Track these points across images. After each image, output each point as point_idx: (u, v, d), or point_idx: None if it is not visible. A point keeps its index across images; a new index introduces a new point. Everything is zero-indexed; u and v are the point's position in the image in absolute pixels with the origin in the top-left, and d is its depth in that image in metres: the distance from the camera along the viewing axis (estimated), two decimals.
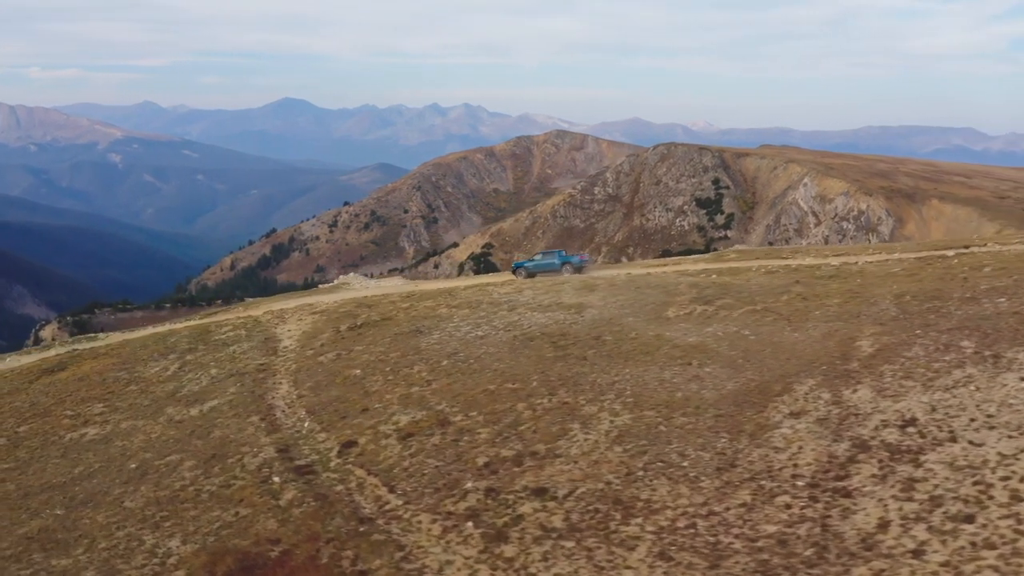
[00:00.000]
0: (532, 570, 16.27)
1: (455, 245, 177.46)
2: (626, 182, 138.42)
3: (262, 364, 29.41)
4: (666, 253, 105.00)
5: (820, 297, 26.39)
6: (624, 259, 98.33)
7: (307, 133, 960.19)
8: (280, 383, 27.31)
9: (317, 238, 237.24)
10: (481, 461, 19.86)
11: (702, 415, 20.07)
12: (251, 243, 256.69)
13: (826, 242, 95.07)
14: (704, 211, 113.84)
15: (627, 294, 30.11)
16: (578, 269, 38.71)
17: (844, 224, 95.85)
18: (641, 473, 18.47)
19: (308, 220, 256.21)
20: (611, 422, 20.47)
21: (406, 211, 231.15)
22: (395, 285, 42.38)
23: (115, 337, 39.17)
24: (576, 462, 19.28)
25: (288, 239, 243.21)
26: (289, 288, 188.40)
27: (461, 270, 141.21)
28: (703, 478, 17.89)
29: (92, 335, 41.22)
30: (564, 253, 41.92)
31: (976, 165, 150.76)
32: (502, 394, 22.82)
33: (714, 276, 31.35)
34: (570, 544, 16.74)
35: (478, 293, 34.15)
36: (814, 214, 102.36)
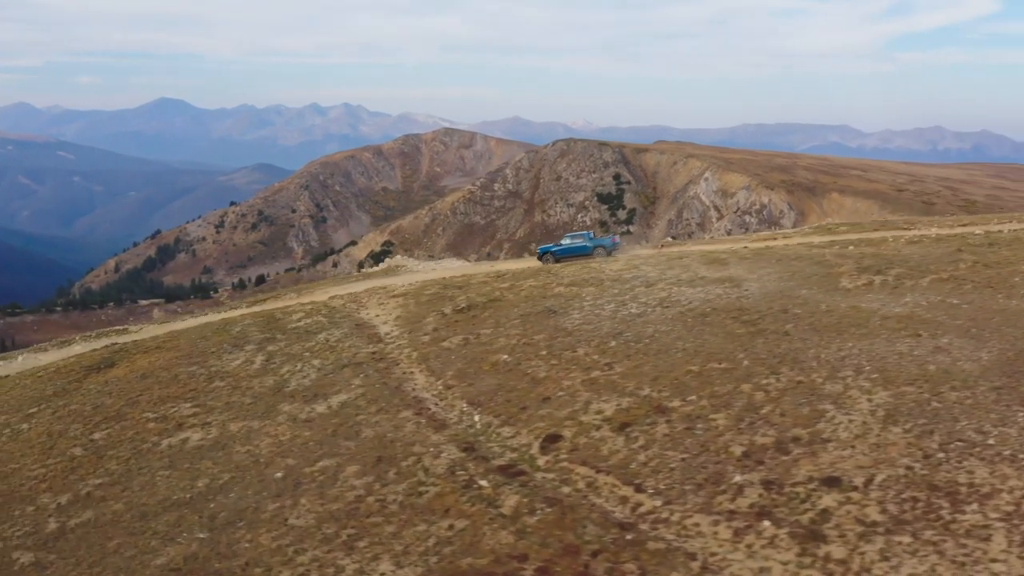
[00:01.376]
0: (876, 572, 13.70)
1: (353, 243, 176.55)
2: (526, 178, 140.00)
3: (373, 352, 25.77)
4: None
5: (1003, 264, 24.75)
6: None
7: (185, 133, 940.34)
8: (412, 373, 23.81)
9: (203, 239, 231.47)
10: (738, 451, 17.11)
11: (975, 388, 17.90)
12: (136, 245, 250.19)
13: (729, 236, 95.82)
14: (606, 206, 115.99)
15: (773, 267, 27.85)
16: (610, 252, 36.27)
17: (746, 218, 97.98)
18: (942, 455, 16.10)
19: (194, 221, 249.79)
20: (869, 400, 18.05)
21: (294, 210, 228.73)
22: (460, 266, 39.01)
23: (152, 330, 34.43)
24: (853, 446, 16.77)
25: (174, 240, 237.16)
26: (177, 291, 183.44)
27: (360, 268, 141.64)
28: (1022, 455, 15.71)
29: (122, 328, 36.21)
30: (593, 235, 39.13)
31: (870, 160, 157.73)
32: (712, 375, 20.11)
33: (851, 247, 29.44)
34: (906, 539, 14.22)
35: (583, 271, 31.24)
36: (716, 208, 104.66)
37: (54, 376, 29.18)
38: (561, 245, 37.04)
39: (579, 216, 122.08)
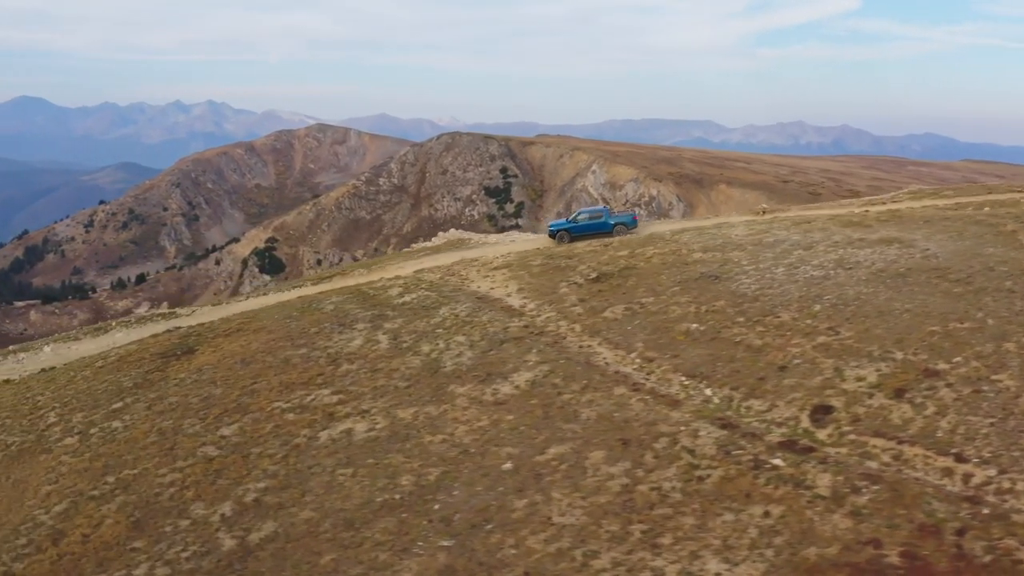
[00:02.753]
0: None
1: (236, 240, 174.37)
2: (411, 172, 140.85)
3: (525, 326, 23.04)
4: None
5: None
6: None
7: (46, 132, 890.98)
8: (591, 346, 21.25)
9: (73, 239, 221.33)
10: None
11: None
12: (1, 246, 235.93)
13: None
14: (493, 200, 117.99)
15: (929, 229, 26.62)
16: (631, 229, 33.77)
17: (636, 210, 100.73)
18: None
19: (62, 221, 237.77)
20: None
21: (166, 209, 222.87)
22: (535, 239, 36.38)
23: (211, 312, 30.30)
24: None
25: (42, 240, 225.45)
26: (51, 292, 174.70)
27: (245, 266, 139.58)
28: None
29: (170, 311, 31.78)
30: (611, 211, 36.00)
31: (752, 153, 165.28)
32: (962, 335, 18.51)
33: (986, 208, 28.64)
34: None
35: (704, 238, 29.26)
36: (605, 200, 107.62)
37: (121, 366, 25.02)
38: (578, 222, 33.93)
39: (467, 210, 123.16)
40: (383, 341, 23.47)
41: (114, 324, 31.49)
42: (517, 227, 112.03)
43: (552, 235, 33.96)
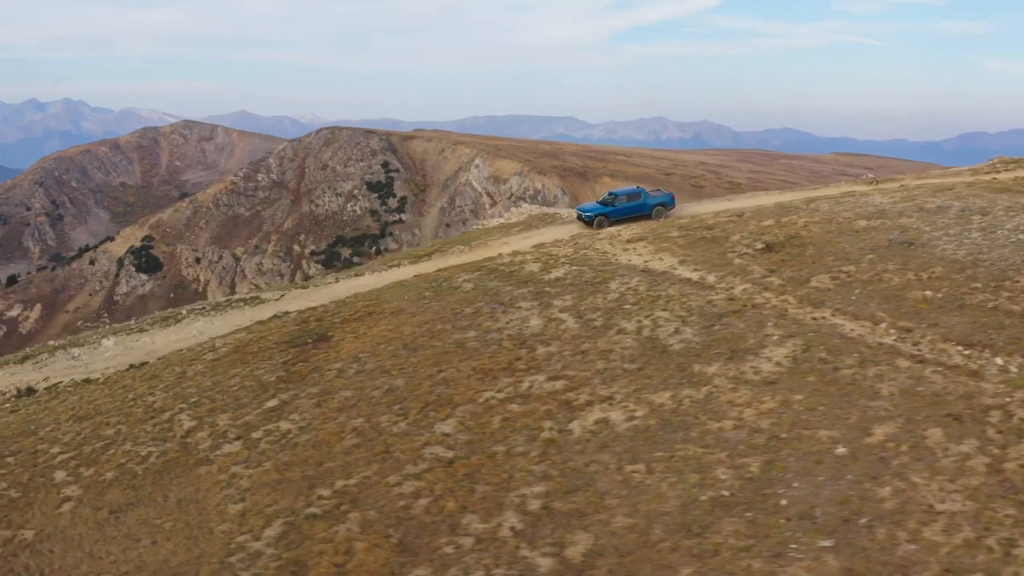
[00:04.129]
0: None
1: (111, 239, 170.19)
2: (290, 168, 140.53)
3: (729, 299, 20.95)
4: (340, 240, 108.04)
5: None
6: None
7: None
8: (824, 318, 19.36)
9: None
10: None
11: None
12: None
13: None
14: (376, 195, 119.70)
15: None
16: (670, 210, 32.44)
17: (521, 203, 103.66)
18: None
19: None
20: None
21: (29, 208, 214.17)
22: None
23: (307, 296, 26.65)
24: None
25: None
26: None
27: (120, 265, 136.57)
28: None
29: (252, 296, 27.67)
30: (647, 191, 33.70)
31: (630, 148, 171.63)
32: None
33: None
34: None
35: (847, 207, 27.95)
36: (489, 195, 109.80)
37: (244, 358, 21.34)
38: (617, 205, 31.82)
39: (348, 205, 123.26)
40: (568, 320, 20.87)
41: (184, 313, 27.25)
42: (401, 222, 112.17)
43: (588, 220, 31.29)
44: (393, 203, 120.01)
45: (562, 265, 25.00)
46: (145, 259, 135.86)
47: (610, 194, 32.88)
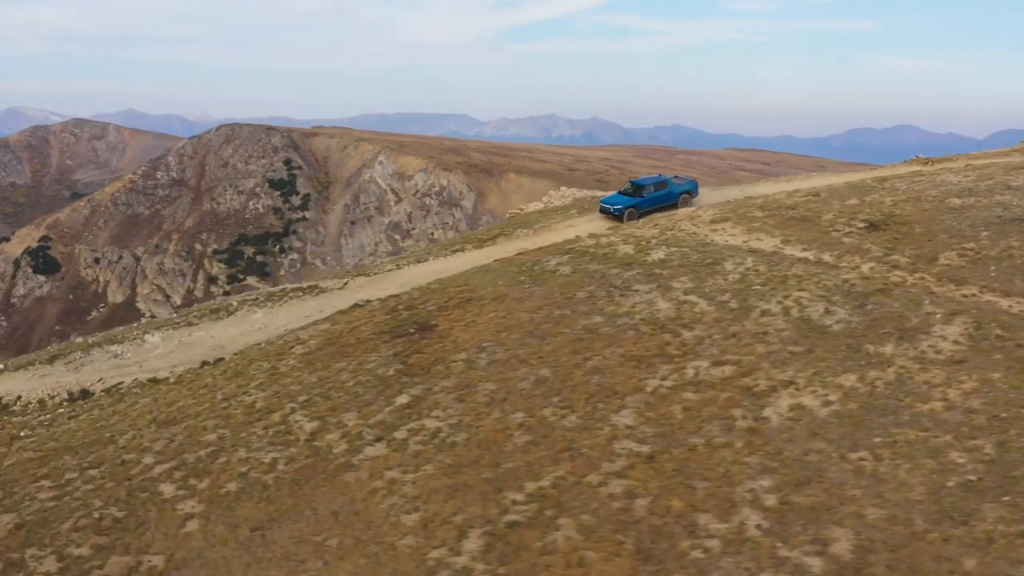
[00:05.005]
0: None
1: (6, 239, 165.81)
2: (190, 165, 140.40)
3: (865, 278, 20.21)
4: (243, 238, 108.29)
5: None
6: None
7: None
8: (974, 295, 18.81)
9: None
10: None
11: None
12: None
13: (410, 219, 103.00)
14: (278, 192, 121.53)
15: None
16: (694, 196, 31.64)
17: (427, 200, 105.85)
18: None
19: None
20: None
21: None
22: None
23: (377, 284, 24.55)
24: None
25: None
26: None
27: (17, 267, 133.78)
28: None
29: (311, 285, 25.21)
30: (673, 179, 32.31)
31: (533, 144, 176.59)
32: None
33: None
34: None
35: (925, 185, 27.82)
36: (393, 191, 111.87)
37: (344, 351, 19.27)
38: (644, 196, 29.95)
39: (251, 203, 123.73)
40: (700, 303, 19.71)
41: (235, 304, 24.69)
42: (304, 219, 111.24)
43: (618, 214, 29.34)
44: (296, 201, 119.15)
45: (658, 247, 23.84)
46: (43, 260, 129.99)
47: (633, 184, 31.22)
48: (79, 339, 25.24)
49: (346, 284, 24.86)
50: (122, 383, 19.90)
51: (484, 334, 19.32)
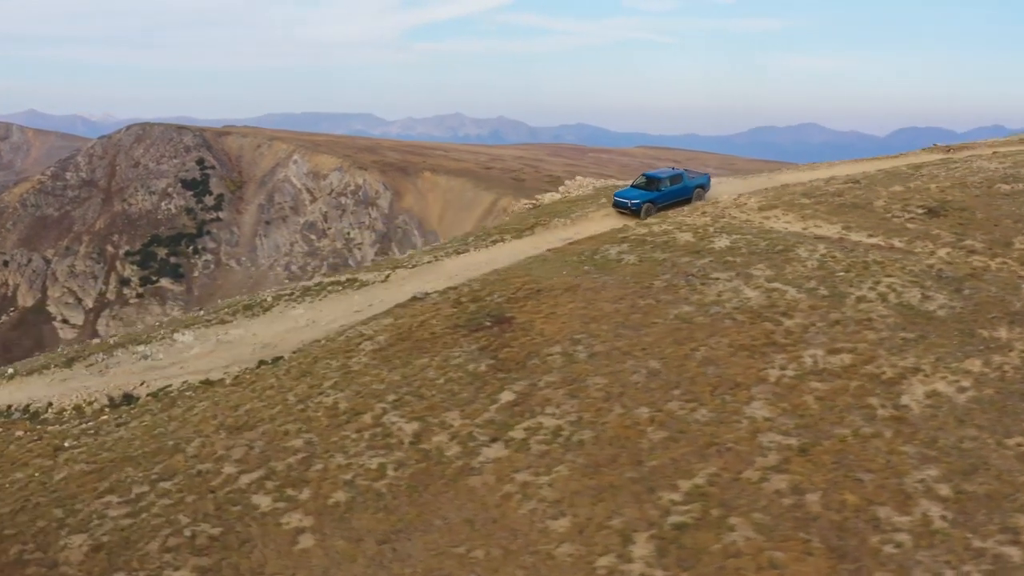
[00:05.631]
0: None
1: None
2: (100, 166, 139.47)
3: (949, 263, 20.18)
4: (155, 239, 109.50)
5: None
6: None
7: None
8: None
9: None
10: None
11: None
12: None
13: (326, 219, 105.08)
14: (191, 192, 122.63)
15: None
16: (707, 190, 30.61)
17: (342, 199, 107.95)
18: None
19: None
20: None
21: None
22: (763, 181, 32.50)
23: (422, 276, 23.25)
24: None
25: None
26: None
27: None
28: None
29: (350, 278, 23.59)
30: (687, 173, 31.03)
31: (447, 143, 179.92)
32: None
33: None
34: None
35: (964, 172, 28.22)
36: (308, 191, 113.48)
37: (421, 346, 18.02)
38: (661, 190, 28.64)
39: (163, 204, 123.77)
40: (788, 291, 19.27)
41: (270, 300, 22.97)
42: (219, 220, 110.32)
43: (635, 209, 27.94)
44: (210, 201, 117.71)
45: (718, 234, 23.37)
46: None
47: (647, 177, 30.24)
48: (95, 341, 23.14)
49: (388, 277, 23.52)
50: (169, 386, 18.17)
51: (571, 326, 18.43)
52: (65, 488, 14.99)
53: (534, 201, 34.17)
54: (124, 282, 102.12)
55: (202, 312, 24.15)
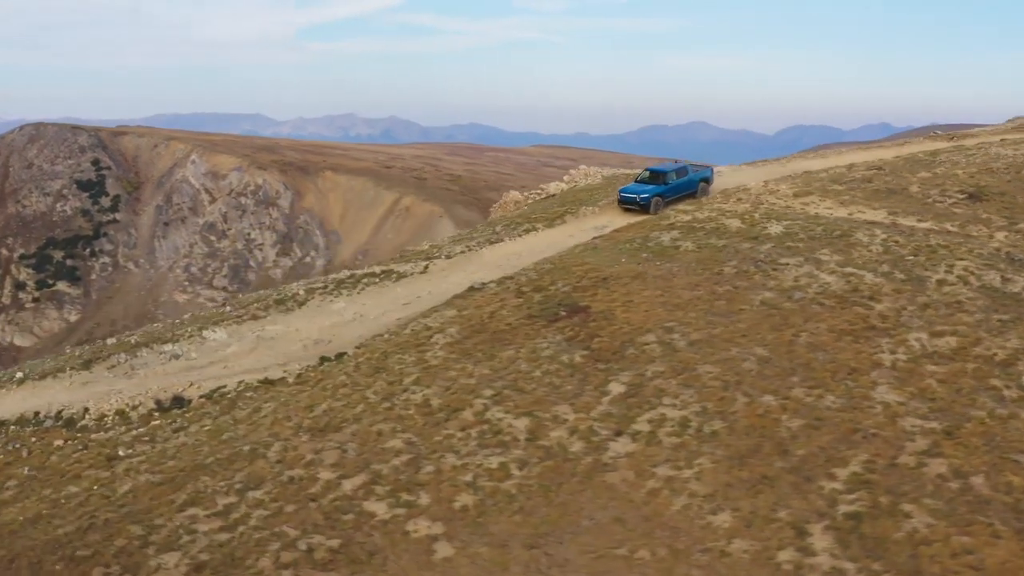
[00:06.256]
0: None
1: None
2: None
3: (1013, 246, 20.61)
4: (51, 242, 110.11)
5: None
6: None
7: None
8: None
9: None
10: None
11: None
12: None
13: (226, 220, 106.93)
14: (87, 194, 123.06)
15: None
16: (711, 183, 30.02)
17: (242, 200, 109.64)
18: None
19: None
20: None
21: None
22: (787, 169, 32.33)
23: (465, 266, 22.16)
24: None
25: None
26: None
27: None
28: None
29: (386, 270, 22.16)
30: (691, 166, 30.27)
31: (348, 143, 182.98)
32: None
33: None
34: None
35: (982, 159, 29.13)
36: (207, 191, 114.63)
37: (500, 338, 17.03)
38: (668, 184, 28.13)
39: (58, 206, 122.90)
40: (865, 275, 19.20)
41: (303, 293, 21.38)
42: (116, 221, 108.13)
43: (644, 204, 27.29)
44: (106, 202, 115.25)
45: (766, 221, 23.22)
46: None
47: (651, 171, 29.70)
48: (110, 340, 21.05)
49: (426, 268, 22.36)
50: (224, 387, 16.59)
51: (656, 314, 17.83)
52: (135, 502, 13.40)
53: (540, 190, 33.51)
54: (20, 286, 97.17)
55: (228, 308, 22.41)
